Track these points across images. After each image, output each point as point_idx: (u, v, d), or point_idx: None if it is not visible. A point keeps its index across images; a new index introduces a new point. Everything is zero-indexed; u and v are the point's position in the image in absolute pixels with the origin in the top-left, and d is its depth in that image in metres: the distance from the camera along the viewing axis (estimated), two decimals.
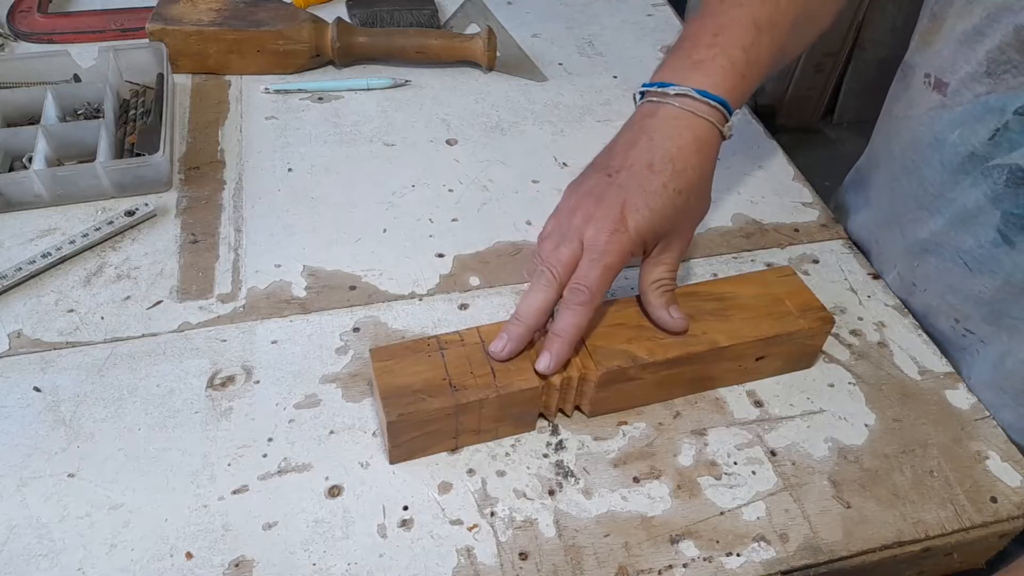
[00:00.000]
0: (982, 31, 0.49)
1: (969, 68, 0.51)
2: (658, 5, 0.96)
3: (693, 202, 0.52)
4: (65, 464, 0.49)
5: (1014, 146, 0.49)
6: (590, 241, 0.48)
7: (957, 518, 0.49)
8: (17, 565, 0.44)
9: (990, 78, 0.49)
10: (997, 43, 0.48)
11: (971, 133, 0.51)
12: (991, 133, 0.50)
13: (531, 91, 0.82)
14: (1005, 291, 0.53)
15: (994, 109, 0.50)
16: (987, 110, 0.50)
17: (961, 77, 0.51)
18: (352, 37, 0.81)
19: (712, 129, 0.51)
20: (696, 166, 0.51)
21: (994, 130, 0.50)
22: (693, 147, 0.51)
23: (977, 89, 0.50)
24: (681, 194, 0.50)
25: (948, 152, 0.54)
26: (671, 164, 0.50)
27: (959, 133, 0.52)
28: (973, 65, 0.50)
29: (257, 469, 0.49)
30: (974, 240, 0.53)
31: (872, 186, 0.66)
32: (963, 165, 0.53)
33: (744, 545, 0.47)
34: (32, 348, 0.55)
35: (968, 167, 0.52)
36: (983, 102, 0.50)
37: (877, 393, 0.55)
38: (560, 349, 0.48)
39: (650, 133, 0.51)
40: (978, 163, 0.51)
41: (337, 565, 0.45)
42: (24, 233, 0.63)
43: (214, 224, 0.65)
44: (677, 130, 0.51)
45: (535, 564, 0.45)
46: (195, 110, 0.77)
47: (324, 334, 0.57)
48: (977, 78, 0.50)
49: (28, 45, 0.83)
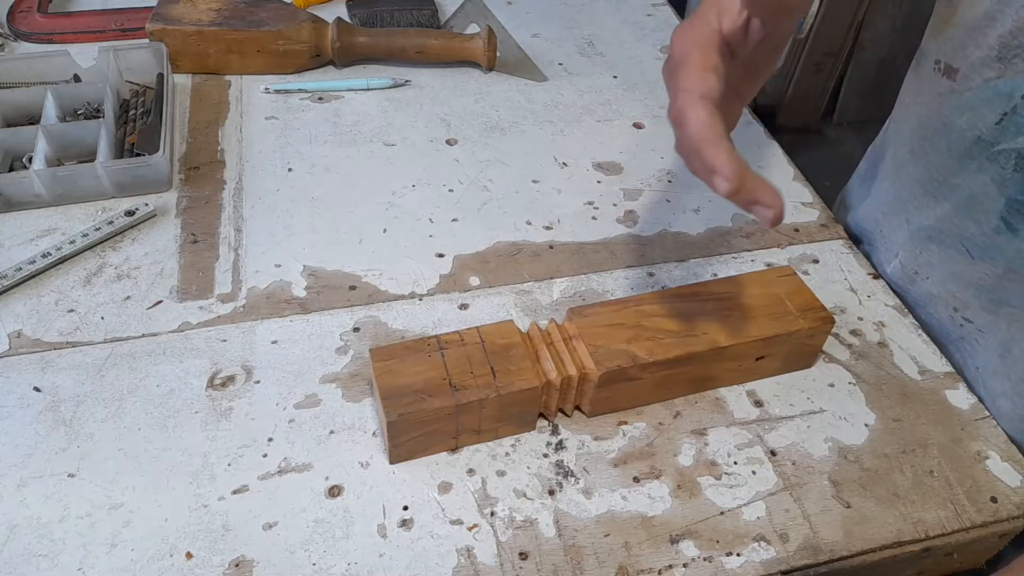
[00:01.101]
0: (993, 16, 0.49)
1: (980, 53, 0.51)
2: (658, 5, 0.96)
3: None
4: (65, 464, 0.49)
5: (1021, 131, 0.49)
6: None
7: (957, 518, 0.49)
8: (17, 565, 0.44)
9: (1000, 63, 0.49)
10: (1009, 27, 0.48)
11: (978, 118, 0.51)
12: (999, 118, 0.50)
13: (531, 91, 0.82)
14: (1006, 279, 0.53)
15: (1002, 94, 0.50)
16: (995, 94, 0.50)
17: (971, 62, 0.51)
18: (352, 37, 0.81)
19: None
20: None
21: (1001, 114, 0.50)
22: None
23: (987, 74, 0.50)
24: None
25: (955, 137, 0.54)
26: None
27: (967, 118, 0.52)
28: (984, 50, 0.50)
29: (257, 469, 0.49)
30: (977, 227, 0.54)
31: (879, 175, 0.66)
32: (969, 150, 0.53)
33: (744, 545, 0.47)
34: (32, 348, 0.55)
35: (974, 152, 0.52)
36: (992, 87, 0.50)
37: (877, 393, 0.55)
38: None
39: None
40: (984, 148, 0.52)
41: (337, 565, 0.45)
42: (24, 233, 0.63)
43: (214, 224, 0.65)
44: None
45: (535, 564, 0.45)
46: (195, 110, 0.77)
47: (324, 334, 0.57)
48: (988, 63, 0.50)
49: (28, 45, 0.83)
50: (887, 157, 0.65)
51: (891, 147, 0.64)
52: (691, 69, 0.42)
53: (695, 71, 0.42)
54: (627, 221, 0.67)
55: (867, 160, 0.71)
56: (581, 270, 0.63)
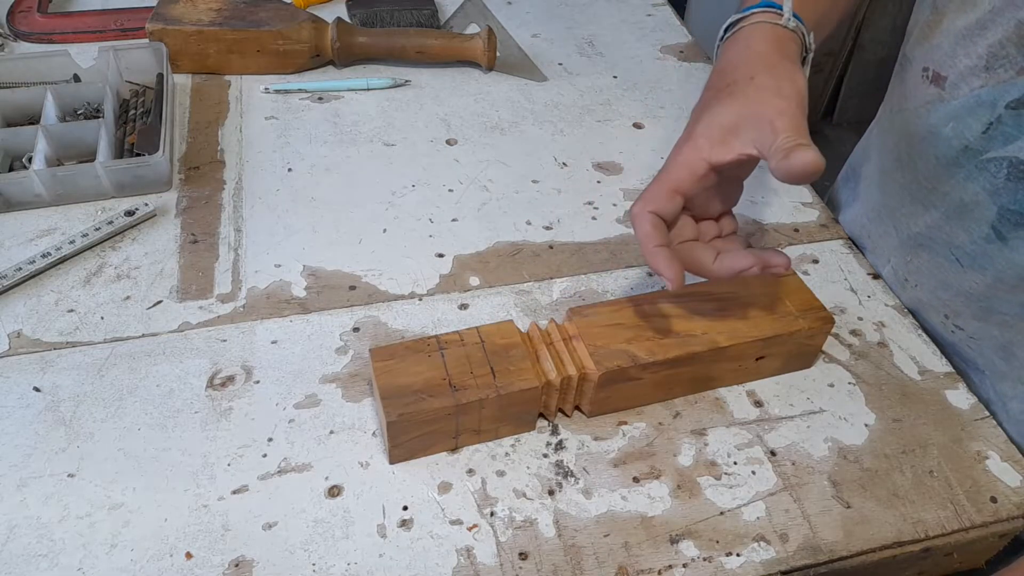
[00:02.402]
0: (984, 25, 0.49)
1: (969, 62, 0.51)
2: (658, 5, 0.97)
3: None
4: (65, 464, 0.49)
5: (1008, 140, 0.49)
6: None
7: (957, 518, 0.49)
8: (17, 565, 0.44)
9: (987, 72, 0.49)
10: (998, 37, 0.48)
11: (964, 127, 0.51)
12: (984, 127, 0.50)
13: (531, 91, 0.82)
14: (995, 288, 0.53)
15: (986, 103, 0.50)
16: (979, 104, 0.50)
17: (960, 71, 0.51)
18: (352, 37, 0.81)
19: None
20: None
21: (987, 124, 0.50)
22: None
23: (974, 83, 0.50)
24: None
25: (942, 145, 0.54)
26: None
27: (952, 126, 0.52)
28: (973, 59, 0.50)
29: (257, 469, 0.49)
30: (967, 235, 0.53)
31: (862, 180, 0.66)
32: (957, 159, 0.53)
33: (744, 545, 0.47)
34: (32, 348, 0.55)
35: (963, 160, 0.52)
36: (976, 96, 0.50)
37: (877, 393, 0.55)
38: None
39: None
40: (972, 157, 0.52)
41: (337, 565, 0.45)
42: (24, 233, 0.63)
43: (214, 224, 0.65)
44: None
45: (535, 564, 0.45)
46: (195, 110, 0.77)
47: (324, 334, 0.57)
48: (976, 72, 0.50)
49: (28, 45, 0.83)
50: (872, 162, 0.65)
51: (875, 153, 0.64)
52: (659, 184, 0.47)
53: (661, 188, 0.47)
54: (627, 221, 0.67)
55: (849, 164, 0.71)
56: (581, 270, 0.63)
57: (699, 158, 0.47)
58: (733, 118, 0.46)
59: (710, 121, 0.47)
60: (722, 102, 0.47)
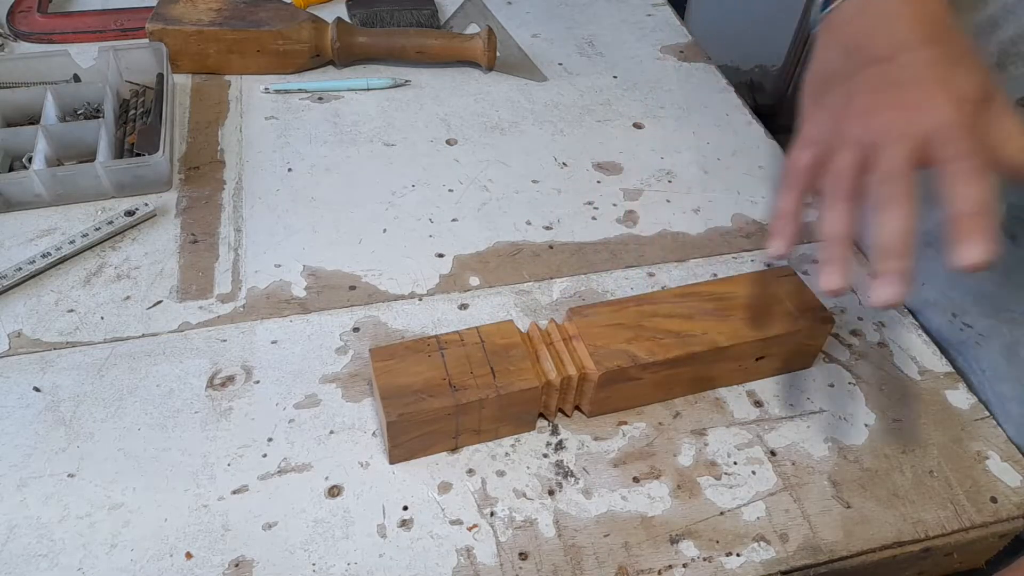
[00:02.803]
0: (997, 22, 0.49)
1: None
2: (658, 5, 0.96)
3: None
4: (65, 464, 0.49)
5: None
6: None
7: (957, 518, 0.49)
8: (17, 565, 0.44)
9: (998, 69, 0.49)
10: (1011, 34, 0.48)
11: None
12: None
13: (531, 91, 0.82)
14: (1006, 286, 0.53)
15: None
16: None
17: None
18: (352, 37, 0.81)
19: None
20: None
21: None
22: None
23: None
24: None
25: None
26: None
27: None
28: (984, 56, 0.50)
29: (257, 469, 0.49)
30: None
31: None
32: None
33: (744, 545, 0.47)
34: (32, 348, 0.55)
35: None
36: None
37: (877, 393, 0.55)
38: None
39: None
40: None
41: (337, 565, 0.45)
42: (24, 233, 0.63)
43: (214, 224, 0.65)
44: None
45: (535, 564, 0.45)
46: (195, 110, 0.77)
47: (324, 334, 0.57)
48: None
49: (28, 45, 0.83)
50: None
51: None
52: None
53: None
54: (627, 221, 0.67)
55: None
56: (581, 270, 0.63)
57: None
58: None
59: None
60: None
